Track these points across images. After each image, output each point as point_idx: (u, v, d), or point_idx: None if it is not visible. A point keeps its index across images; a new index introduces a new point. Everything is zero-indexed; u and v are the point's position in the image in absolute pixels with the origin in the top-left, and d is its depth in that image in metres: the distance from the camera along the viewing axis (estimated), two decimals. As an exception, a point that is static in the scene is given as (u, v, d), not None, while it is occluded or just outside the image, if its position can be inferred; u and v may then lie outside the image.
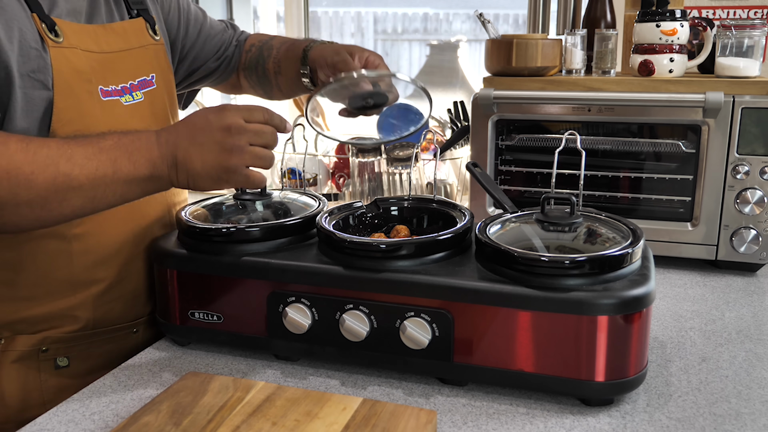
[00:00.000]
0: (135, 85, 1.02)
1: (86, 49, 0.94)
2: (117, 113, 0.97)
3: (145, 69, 1.04)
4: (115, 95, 0.98)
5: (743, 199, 1.23)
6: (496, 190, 1.05)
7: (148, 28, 1.06)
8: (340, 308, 0.87)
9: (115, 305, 1.02)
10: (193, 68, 1.24)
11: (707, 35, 1.33)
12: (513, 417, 0.81)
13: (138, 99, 1.01)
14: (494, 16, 2.27)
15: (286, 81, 1.25)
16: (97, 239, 0.97)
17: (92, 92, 0.94)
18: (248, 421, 0.75)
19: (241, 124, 0.85)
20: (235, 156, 0.85)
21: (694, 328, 1.06)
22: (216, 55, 1.25)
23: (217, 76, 1.28)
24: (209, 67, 1.25)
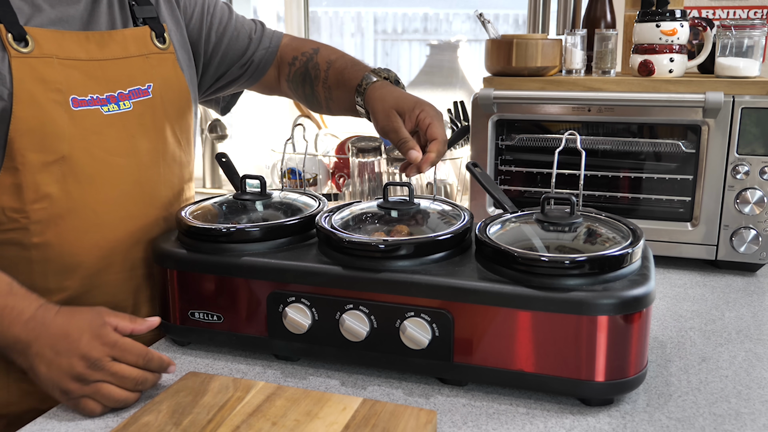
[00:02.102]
0: (125, 94, 1.00)
1: (67, 57, 0.94)
2: (92, 122, 0.96)
3: (141, 78, 1.03)
4: (95, 104, 0.97)
5: (743, 199, 1.23)
6: (496, 190, 1.05)
7: (154, 37, 1.05)
8: (340, 308, 0.87)
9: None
10: (219, 74, 1.22)
11: (707, 35, 1.33)
12: (513, 417, 0.81)
13: (125, 108, 1.00)
14: (494, 16, 2.27)
15: (338, 108, 1.23)
16: (58, 249, 0.95)
17: (60, 102, 0.93)
18: (248, 421, 0.75)
19: (104, 362, 0.81)
20: (75, 384, 0.81)
21: (694, 328, 1.06)
22: (240, 61, 1.21)
23: (245, 81, 1.25)
24: (234, 73, 1.23)
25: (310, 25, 2.34)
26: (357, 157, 1.57)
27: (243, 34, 1.21)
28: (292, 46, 1.25)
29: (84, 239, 0.97)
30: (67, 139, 0.94)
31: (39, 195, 0.93)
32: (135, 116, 1.01)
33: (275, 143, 1.81)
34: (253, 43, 1.22)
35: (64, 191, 0.94)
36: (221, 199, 1.08)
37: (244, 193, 1.05)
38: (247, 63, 1.22)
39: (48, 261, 0.95)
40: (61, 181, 0.94)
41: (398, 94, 1.08)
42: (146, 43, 1.04)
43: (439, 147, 1.02)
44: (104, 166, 0.98)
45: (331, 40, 2.46)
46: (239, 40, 1.21)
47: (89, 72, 0.97)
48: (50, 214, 0.94)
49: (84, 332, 0.83)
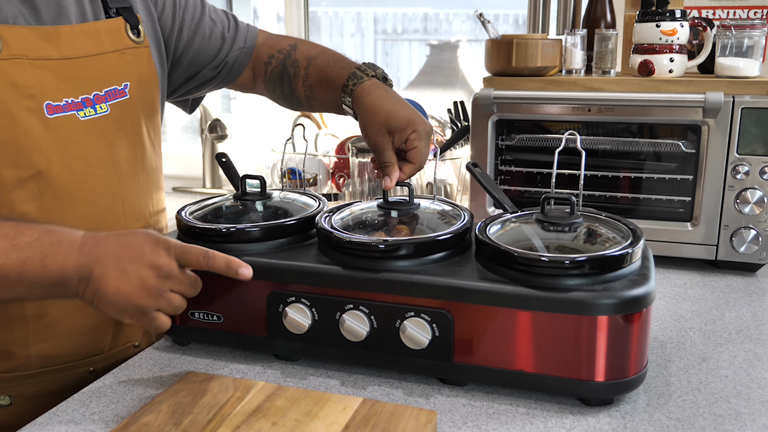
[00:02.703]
0: (101, 96, 0.93)
1: (37, 56, 0.86)
2: (68, 130, 0.89)
3: (118, 77, 0.95)
4: (71, 109, 0.89)
5: (743, 199, 1.23)
6: (496, 190, 1.05)
7: (128, 29, 0.97)
8: (340, 308, 0.87)
9: (59, 342, 0.95)
10: (190, 74, 1.14)
11: (707, 35, 1.33)
12: (513, 417, 0.81)
13: (102, 112, 0.93)
14: (494, 16, 2.27)
15: (321, 106, 1.16)
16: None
17: (34, 109, 0.85)
18: (248, 421, 0.75)
19: (172, 268, 0.78)
20: (151, 298, 0.77)
21: (694, 328, 1.06)
22: (213, 63, 1.14)
23: (219, 83, 1.18)
24: (206, 75, 1.15)
25: (310, 25, 2.34)
26: (357, 157, 1.57)
27: (216, 33, 1.13)
28: (267, 44, 1.17)
29: None
30: (43, 151, 0.86)
31: (14, 214, 0.85)
32: (112, 120, 0.94)
33: (275, 143, 1.81)
34: (227, 42, 1.14)
35: (41, 209, 0.88)
36: (221, 199, 1.08)
37: (244, 193, 1.05)
38: (221, 64, 1.15)
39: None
40: (37, 198, 0.87)
41: (390, 107, 1.01)
42: (121, 37, 0.96)
43: (412, 172, 1.01)
44: (83, 179, 0.91)
45: (331, 40, 2.46)
46: (212, 40, 1.12)
47: (62, 72, 0.89)
48: None
49: (144, 242, 0.78)
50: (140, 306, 0.77)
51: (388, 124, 1.00)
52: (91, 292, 0.77)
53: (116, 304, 0.77)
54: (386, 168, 1.00)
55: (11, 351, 0.92)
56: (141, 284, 0.76)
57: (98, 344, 1.00)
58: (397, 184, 1.02)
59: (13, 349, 0.91)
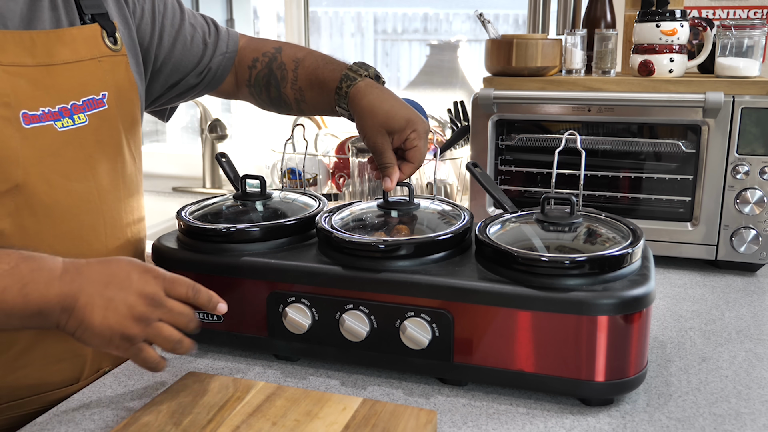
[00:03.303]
0: (79, 105, 0.87)
1: (11, 63, 0.81)
2: (46, 142, 0.83)
3: (95, 86, 0.90)
4: (48, 119, 0.84)
5: (743, 199, 1.23)
6: (496, 190, 1.05)
7: (105, 36, 0.92)
8: (340, 308, 0.87)
9: (30, 371, 0.88)
10: (171, 83, 1.08)
11: (707, 35, 1.33)
12: (513, 417, 0.81)
13: (81, 122, 0.87)
14: (494, 16, 2.27)
15: (312, 109, 1.13)
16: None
17: (10, 119, 0.80)
18: (248, 421, 0.75)
19: (161, 297, 0.75)
20: (139, 327, 0.74)
21: (694, 328, 1.06)
22: (196, 70, 1.09)
23: (201, 90, 1.13)
24: (190, 82, 1.10)
25: (310, 25, 2.34)
26: (357, 157, 1.57)
27: (197, 38, 1.08)
28: (250, 48, 1.13)
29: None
30: (20, 163, 0.81)
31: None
32: (91, 132, 0.89)
33: (275, 143, 1.81)
34: (209, 48, 1.09)
35: (17, 226, 0.82)
36: (221, 199, 1.08)
37: (244, 193, 1.05)
38: (204, 71, 1.10)
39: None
40: (14, 215, 0.82)
41: (388, 107, 1.00)
42: (97, 44, 0.91)
43: (412, 172, 1.01)
44: (62, 194, 0.86)
45: (331, 41, 2.46)
46: (194, 46, 1.08)
47: (37, 80, 0.83)
48: None
49: (131, 270, 0.75)
50: (128, 335, 0.74)
51: (387, 125, 0.99)
52: (75, 323, 0.73)
53: (102, 335, 0.73)
54: (386, 169, 1.00)
55: None
56: (129, 313, 0.73)
57: (74, 372, 0.93)
58: (398, 184, 1.02)
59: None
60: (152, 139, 2.61)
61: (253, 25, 2.57)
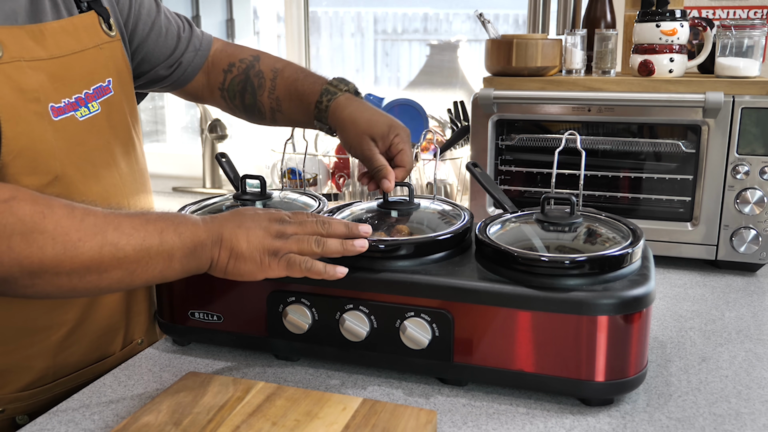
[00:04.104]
0: (90, 94, 0.91)
1: (32, 57, 0.84)
2: (72, 132, 0.87)
3: (101, 73, 0.93)
4: (70, 110, 0.87)
5: (743, 199, 1.23)
6: (496, 190, 1.05)
7: (102, 23, 0.94)
8: (340, 308, 0.87)
9: (78, 348, 0.95)
10: (141, 71, 1.09)
11: (707, 35, 1.33)
12: (513, 417, 0.81)
13: (95, 111, 0.91)
14: (494, 16, 2.27)
15: (286, 120, 1.16)
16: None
17: (42, 113, 0.83)
18: (248, 421, 0.75)
19: (286, 216, 0.84)
20: (280, 240, 0.81)
21: (694, 328, 1.06)
22: (167, 62, 1.10)
23: (169, 84, 1.14)
24: (159, 74, 1.11)
25: (310, 25, 2.34)
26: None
27: (171, 31, 1.10)
28: (227, 52, 1.15)
29: None
30: (56, 155, 0.85)
31: None
32: (104, 119, 0.93)
33: (275, 143, 1.81)
34: (182, 42, 1.11)
35: None
36: (221, 199, 1.08)
37: (244, 193, 1.05)
38: (174, 64, 1.11)
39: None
40: None
41: (369, 116, 1.03)
42: (97, 32, 0.94)
43: (404, 175, 1.03)
44: (93, 182, 0.91)
45: (331, 41, 2.46)
46: (168, 37, 1.09)
47: (54, 73, 0.86)
48: None
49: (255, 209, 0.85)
50: (273, 249, 0.80)
51: (371, 131, 1.02)
52: (226, 253, 0.80)
53: (252, 257, 0.80)
54: (381, 171, 1.01)
55: (31, 365, 0.90)
56: (266, 233, 0.80)
57: (109, 347, 1.00)
58: (397, 184, 1.02)
59: (33, 363, 0.90)
60: (152, 139, 2.61)
61: (253, 25, 2.57)
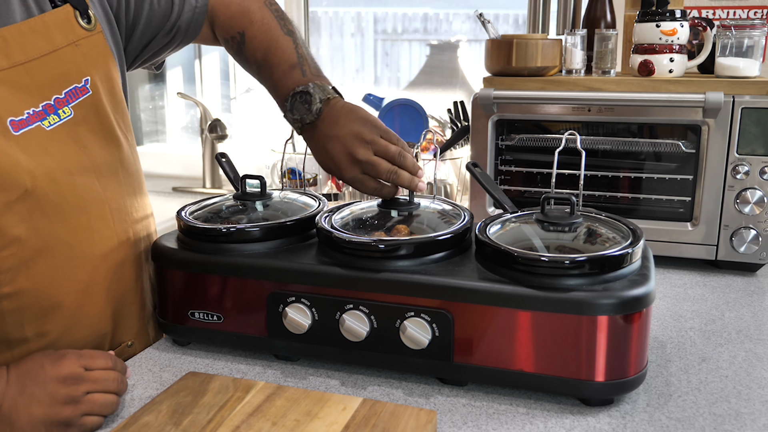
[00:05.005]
0: (61, 99, 0.86)
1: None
2: (38, 144, 0.83)
3: (76, 73, 0.88)
4: (34, 121, 0.83)
5: (743, 199, 1.23)
6: (496, 190, 1.05)
7: (78, 17, 0.89)
8: (340, 308, 0.87)
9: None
10: (144, 42, 1.07)
11: (707, 35, 1.33)
12: (513, 417, 0.81)
13: (66, 116, 0.87)
14: (494, 16, 2.27)
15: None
16: (33, 294, 0.85)
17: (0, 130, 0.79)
18: (248, 421, 0.75)
19: (79, 373, 0.78)
20: (69, 408, 0.76)
21: (694, 328, 1.06)
22: (164, 29, 1.07)
23: (176, 45, 1.11)
24: (159, 42, 1.08)
25: (310, 25, 2.34)
26: (357, 157, 1.57)
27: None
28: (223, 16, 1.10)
29: (61, 278, 0.87)
30: (24, 168, 0.81)
31: (6, 241, 0.81)
32: (80, 122, 0.89)
33: (275, 143, 1.81)
34: (176, 6, 1.07)
35: (32, 230, 0.83)
36: (221, 199, 1.08)
37: (244, 193, 1.05)
38: (173, 29, 1.08)
39: (22, 309, 0.85)
40: (27, 220, 0.82)
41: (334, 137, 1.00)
42: (72, 27, 0.88)
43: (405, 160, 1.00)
44: (68, 190, 0.87)
45: (331, 41, 2.46)
46: (162, 5, 1.06)
47: (16, 82, 0.82)
48: (21, 258, 0.83)
49: (42, 362, 0.78)
50: (61, 420, 0.76)
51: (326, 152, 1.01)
52: (5, 429, 0.75)
53: (37, 430, 0.75)
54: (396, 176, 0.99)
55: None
56: (52, 400, 0.76)
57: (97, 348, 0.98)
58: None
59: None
60: (152, 139, 2.61)
61: (253, 25, 2.56)
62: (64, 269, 0.87)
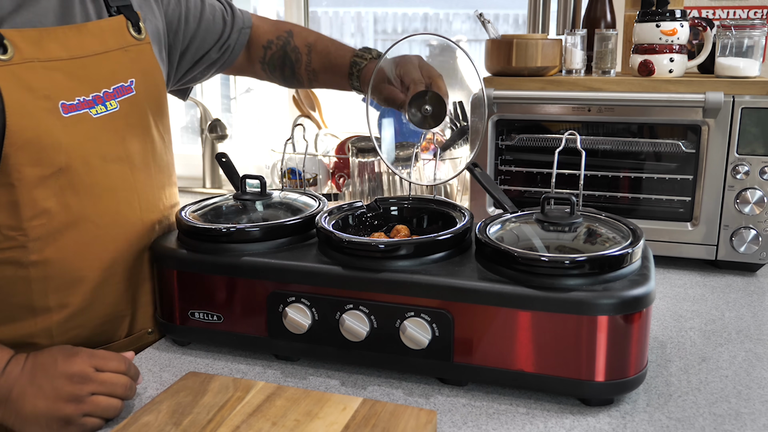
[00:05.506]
0: (110, 93, 0.96)
1: (48, 58, 0.89)
2: (84, 128, 0.92)
3: (123, 74, 0.98)
4: (84, 107, 0.92)
5: (743, 199, 1.23)
6: (496, 190, 1.05)
7: (130, 27, 1.00)
8: (340, 308, 0.87)
9: (81, 332, 0.97)
10: (196, 59, 1.20)
11: (707, 35, 1.33)
12: (513, 417, 0.81)
13: (113, 108, 0.96)
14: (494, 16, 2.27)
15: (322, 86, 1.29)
16: (58, 265, 0.91)
17: (51, 109, 0.88)
18: (248, 421, 0.75)
19: (88, 372, 0.80)
20: (71, 405, 0.78)
21: (694, 328, 1.06)
22: (218, 44, 1.20)
23: (221, 65, 1.24)
24: (212, 57, 1.21)
25: (311, 25, 2.34)
26: (357, 157, 1.57)
27: (217, 16, 1.20)
28: (263, 28, 1.26)
29: (85, 253, 0.94)
30: (63, 149, 0.89)
31: (36, 211, 0.88)
32: (122, 116, 0.97)
33: (275, 143, 1.81)
34: (227, 25, 1.21)
35: (62, 205, 0.90)
36: (221, 199, 1.08)
37: (244, 193, 1.05)
38: (224, 45, 1.21)
39: (48, 279, 0.91)
40: (59, 195, 0.90)
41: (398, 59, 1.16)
42: (123, 35, 0.99)
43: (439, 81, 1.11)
44: (101, 175, 0.94)
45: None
46: (215, 23, 1.19)
47: (72, 72, 0.92)
48: (49, 230, 0.90)
49: (56, 357, 0.81)
50: (62, 416, 0.78)
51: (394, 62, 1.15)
52: (11, 415, 0.79)
53: (37, 422, 0.78)
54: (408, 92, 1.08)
55: (35, 342, 0.93)
56: (57, 395, 0.78)
57: (115, 332, 1.01)
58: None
59: (37, 341, 0.93)
60: (152, 139, 2.61)
61: (253, 25, 2.56)
62: (89, 246, 0.94)
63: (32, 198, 0.88)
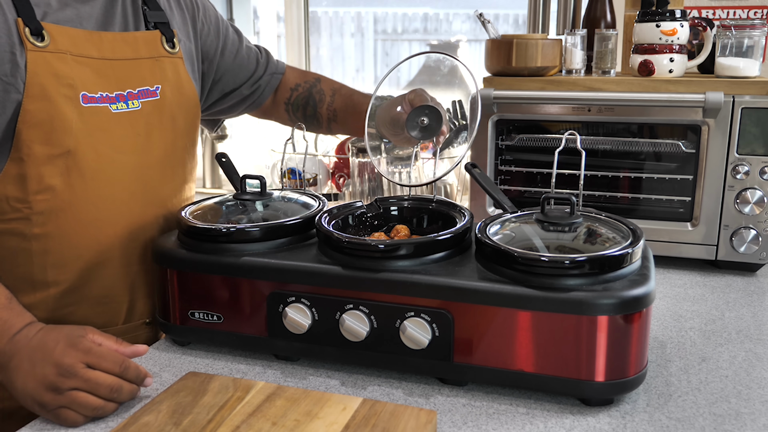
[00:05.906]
0: (134, 93, 1.03)
1: (80, 54, 0.97)
2: (100, 119, 0.98)
3: (151, 80, 1.05)
4: (104, 102, 0.99)
5: (743, 199, 1.23)
6: (496, 190, 1.05)
7: (164, 41, 1.08)
8: (340, 308, 0.87)
9: (76, 309, 1.01)
10: (226, 91, 1.27)
11: (707, 35, 1.33)
12: (513, 417, 0.81)
13: (134, 107, 1.03)
14: (494, 16, 2.27)
15: (342, 127, 1.35)
16: (57, 241, 0.97)
17: (71, 97, 0.95)
18: (248, 421, 0.75)
19: (76, 369, 0.80)
20: (50, 394, 0.80)
21: (694, 328, 1.06)
22: (249, 81, 1.29)
23: (250, 103, 1.32)
24: (242, 93, 1.29)
25: (310, 25, 2.34)
26: (357, 157, 1.58)
27: (252, 57, 1.29)
28: (294, 74, 1.36)
29: (83, 233, 0.99)
30: (74, 134, 0.95)
31: (42, 186, 0.95)
32: (143, 116, 1.04)
33: (275, 143, 1.81)
34: (261, 66, 1.30)
35: (67, 184, 0.96)
36: (221, 199, 1.08)
37: (244, 193, 1.05)
38: (255, 84, 1.29)
39: (47, 253, 0.97)
40: (65, 174, 0.96)
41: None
42: (156, 47, 1.07)
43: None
44: (109, 163, 1.00)
45: (331, 41, 2.46)
46: (249, 62, 1.29)
47: (100, 70, 0.99)
48: (52, 206, 0.96)
49: (59, 341, 0.82)
50: (40, 401, 0.80)
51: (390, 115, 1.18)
52: (6, 380, 0.83)
53: (23, 397, 0.82)
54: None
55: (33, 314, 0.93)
56: (41, 380, 0.80)
57: (113, 316, 1.05)
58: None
59: (35, 313, 0.93)
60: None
61: (253, 25, 2.56)
62: (88, 226, 0.99)
63: (39, 173, 0.94)
